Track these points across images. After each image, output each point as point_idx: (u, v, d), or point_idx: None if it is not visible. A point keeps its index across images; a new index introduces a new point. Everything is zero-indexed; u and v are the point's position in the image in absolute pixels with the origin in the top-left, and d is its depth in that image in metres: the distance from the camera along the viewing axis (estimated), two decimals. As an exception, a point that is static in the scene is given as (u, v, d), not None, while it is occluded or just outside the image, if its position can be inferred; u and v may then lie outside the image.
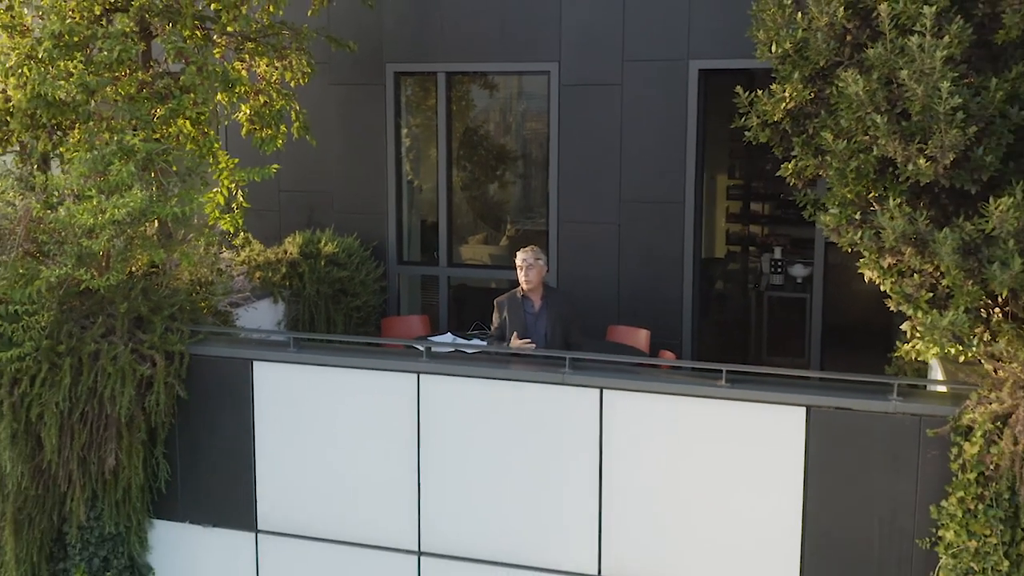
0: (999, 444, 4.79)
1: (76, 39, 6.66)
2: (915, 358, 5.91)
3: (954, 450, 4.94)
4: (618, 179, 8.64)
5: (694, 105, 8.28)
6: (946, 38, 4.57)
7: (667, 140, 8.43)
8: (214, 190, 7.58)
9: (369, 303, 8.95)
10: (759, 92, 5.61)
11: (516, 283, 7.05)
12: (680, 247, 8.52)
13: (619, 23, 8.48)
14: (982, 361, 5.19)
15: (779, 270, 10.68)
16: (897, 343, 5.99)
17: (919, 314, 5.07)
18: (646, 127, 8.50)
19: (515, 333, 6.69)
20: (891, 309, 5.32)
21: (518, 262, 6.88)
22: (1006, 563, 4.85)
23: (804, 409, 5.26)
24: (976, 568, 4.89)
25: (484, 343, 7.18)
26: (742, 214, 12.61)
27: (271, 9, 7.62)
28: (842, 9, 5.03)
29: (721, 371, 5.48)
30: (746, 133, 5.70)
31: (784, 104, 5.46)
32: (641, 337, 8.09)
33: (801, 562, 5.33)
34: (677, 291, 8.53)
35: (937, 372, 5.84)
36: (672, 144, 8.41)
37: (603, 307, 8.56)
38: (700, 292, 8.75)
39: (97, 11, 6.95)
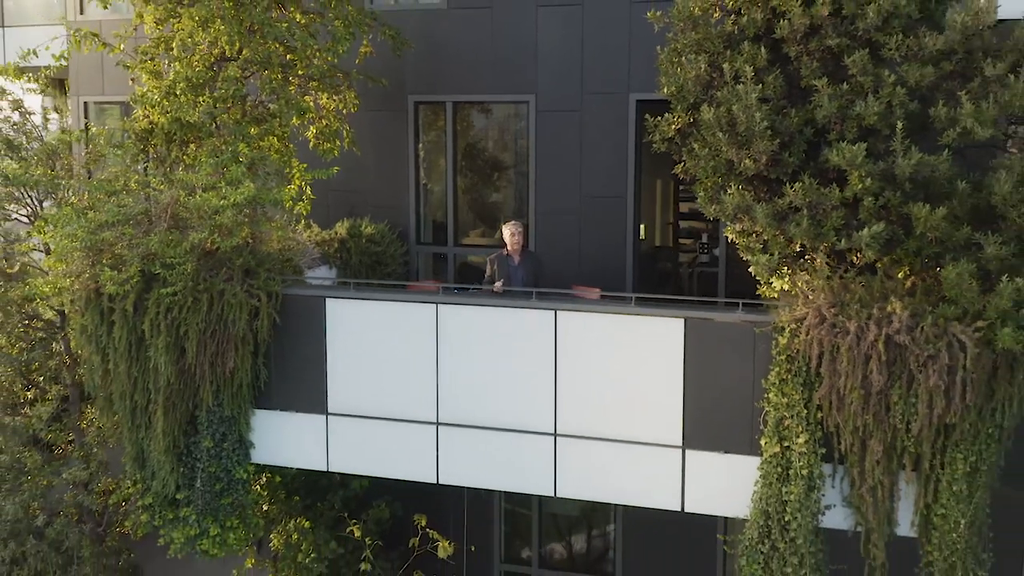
0: (799, 337, 7.40)
1: (200, 81, 9.29)
2: (767, 294, 8.52)
3: (774, 342, 7.55)
4: (578, 181, 11.23)
5: (632, 126, 10.88)
6: (759, 86, 7.23)
7: (613, 152, 11.03)
8: (290, 186, 10.19)
9: (396, 272, 11.53)
10: (660, 116, 8.25)
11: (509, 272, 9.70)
12: (623, 230, 11.13)
13: (579, 66, 11.08)
14: (791, 288, 7.81)
15: (705, 251, 13.30)
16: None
17: (752, 257, 7.72)
18: (598, 143, 11.10)
19: (501, 280, 9.31)
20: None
21: (506, 230, 9.53)
22: (805, 411, 7.45)
23: (683, 320, 7.87)
24: (787, 415, 7.49)
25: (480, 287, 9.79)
26: (691, 213, 15.23)
27: (329, 58, 10.23)
28: (704, 65, 7.68)
29: (631, 297, 8.11)
30: (652, 145, 8.35)
31: (673, 126, 8.12)
32: (594, 292, 10.67)
33: (683, 417, 7.94)
34: (621, 261, 11.13)
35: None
36: (617, 155, 11.02)
37: (568, 272, 11.08)
38: (639, 262, 11.35)
39: (212, 61, 9.58)
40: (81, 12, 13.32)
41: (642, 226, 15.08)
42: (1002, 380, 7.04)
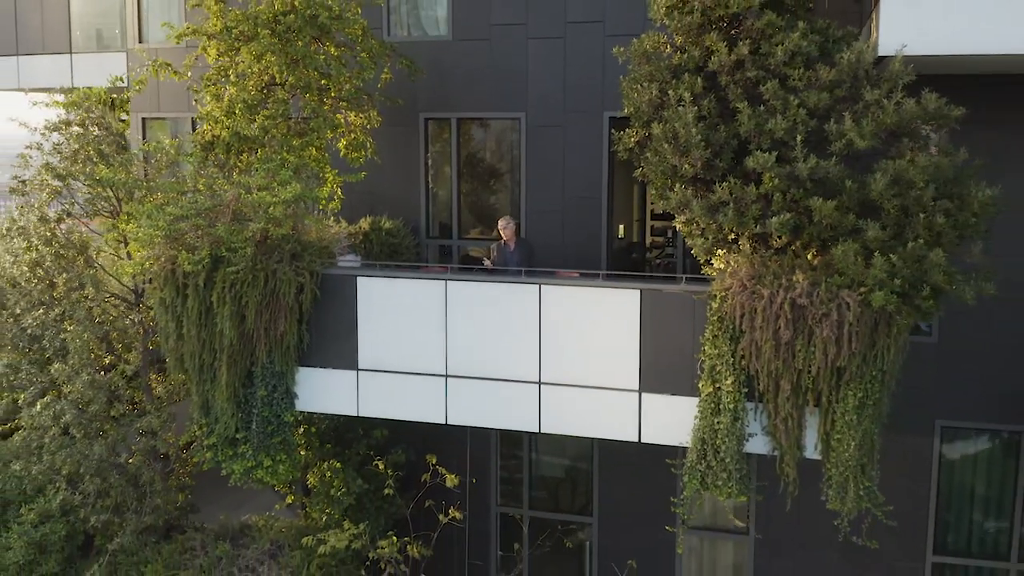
0: (727, 302, 9.25)
1: (254, 102, 11.17)
2: (707, 271, 10.38)
3: (708, 307, 9.41)
4: (562, 185, 13.10)
5: (606, 139, 12.74)
6: (696, 108, 9.11)
7: (590, 161, 12.88)
8: (324, 187, 12.06)
9: (410, 260, 13.36)
10: (623, 131, 10.13)
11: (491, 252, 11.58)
12: (599, 226, 12.99)
13: (562, 89, 12.95)
14: (723, 265, 9.67)
15: (671, 244, 15.18)
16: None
17: (692, 241, 9.60)
18: (579, 153, 12.97)
19: (490, 260, 11.19)
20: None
21: (500, 224, 11.42)
22: (731, 360, 9.30)
23: (639, 291, 9.74)
24: (718, 363, 9.31)
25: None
26: (663, 213, 17.07)
27: (357, 83, 12.09)
28: (655, 91, 9.57)
29: (600, 274, 9.98)
30: (617, 153, 10.23)
31: (632, 138, 10.01)
32: (574, 275, 12.54)
33: (639, 367, 9.79)
34: (597, 252, 12.99)
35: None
36: (593, 163, 12.87)
37: (554, 261, 12.88)
38: (612, 253, 13.22)
39: (263, 86, 11.45)
40: (140, 40, 15.19)
41: (621, 226, 17.06)
42: (881, 333, 8.90)
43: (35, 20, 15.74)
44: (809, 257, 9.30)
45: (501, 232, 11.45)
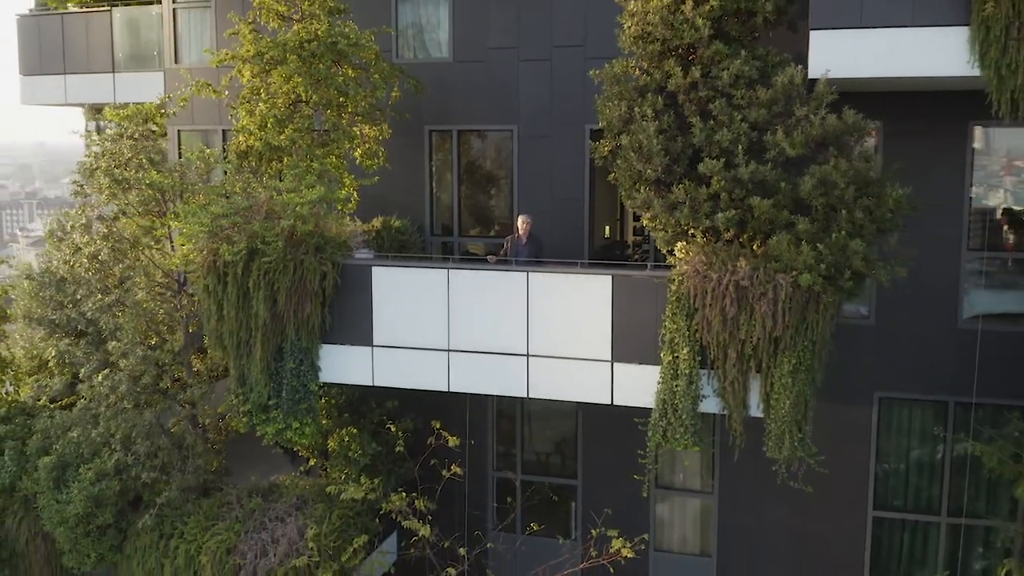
0: (683, 284, 10.85)
1: (283, 117, 12.79)
2: (670, 260, 11.98)
3: (668, 289, 11.00)
4: (549, 189, 14.70)
5: (587, 149, 14.32)
6: (657, 122, 10.73)
7: (573, 168, 14.48)
8: (343, 190, 13.66)
9: (416, 254, 14.99)
10: (598, 141, 11.74)
11: (499, 246, 13.19)
12: (582, 224, 14.58)
13: (549, 104, 14.55)
14: (682, 255, 11.27)
15: (647, 241, 16.76)
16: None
17: (655, 235, 11.21)
18: (564, 161, 14.56)
19: (496, 256, 12.80)
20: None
21: (519, 220, 13.01)
22: (687, 332, 10.90)
23: (611, 277, 11.34)
24: (676, 336, 10.92)
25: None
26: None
27: (371, 100, 13.70)
28: (624, 108, 11.18)
29: (578, 263, 11.59)
30: (595, 161, 11.85)
31: (606, 148, 11.63)
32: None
33: (612, 340, 11.39)
34: (580, 247, 14.59)
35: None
36: (576, 170, 14.46)
37: (543, 253, 14.57)
38: (593, 248, 14.81)
39: (290, 103, 13.06)
40: (176, 61, 16.82)
41: (607, 227, 18.68)
42: (811, 309, 10.48)
43: (81, 43, 17.35)
44: (753, 247, 10.91)
45: (519, 226, 13.06)
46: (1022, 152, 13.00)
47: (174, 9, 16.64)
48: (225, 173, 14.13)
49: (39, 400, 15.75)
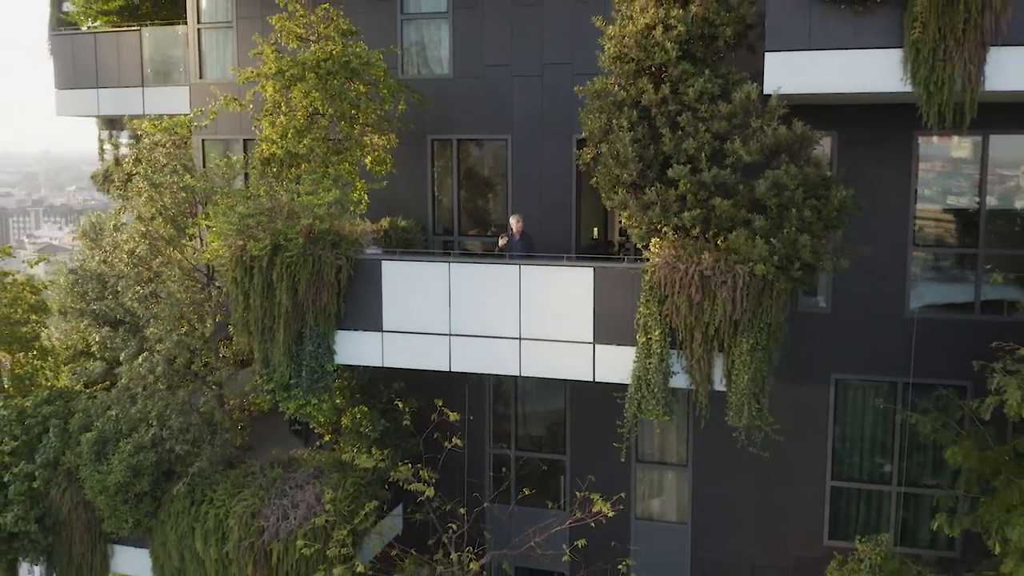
0: (656, 275, 12.25)
1: (302, 128, 14.20)
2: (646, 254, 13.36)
3: (643, 278, 12.40)
4: (540, 192, 16.11)
5: (573, 156, 15.73)
6: (632, 133, 12.15)
7: (562, 173, 15.89)
8: (355, 193, 15.06)
9: (421, 251, 16.38)
10: (582, 149, 13.15)
11: (498, 237, 14.60)
12: (569, 224, 15.97)
13: (539, 116, 15.97)
14: (656, 249, 12.67)
15: (630, 239, 18.18)
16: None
17: (632, 231, 12.63)
18: (553, 167, 15.96)
19: (503, 243, 14.23)
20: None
21: (512, 219, 14.42)
22: (659, 317, 12.31)
23: (593, 268, 12.75)
24: (649, 320, 12.32)
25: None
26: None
27: (379, 113, 15.10)
28: (604, 119, 12.59)
29: (563, 256, 13.00)
30: (580, 167, 13.26)
31: (588, 155, 13.04)
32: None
33: (594, 324, 12.78)
34: (568, 245, 15.99)
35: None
36: (564, 175, 15.86)
37: (535, 250, 15.96)
38: (580, 247, 16.22)
39: (308, 115, 14.47)
40: (200, 76, 18.24)
41: (595, 228, 20.10)
42: (765, 295, 11.87)
43: (112, 59, 18.75)
44: (716, 242, 12.31)
45: (513, 225, 14.48)
46: (967, 158, 14.40)
47: (198, 29, 18.05)
48: (246, 177, 15.56)
49: (76, 385, 17.14)
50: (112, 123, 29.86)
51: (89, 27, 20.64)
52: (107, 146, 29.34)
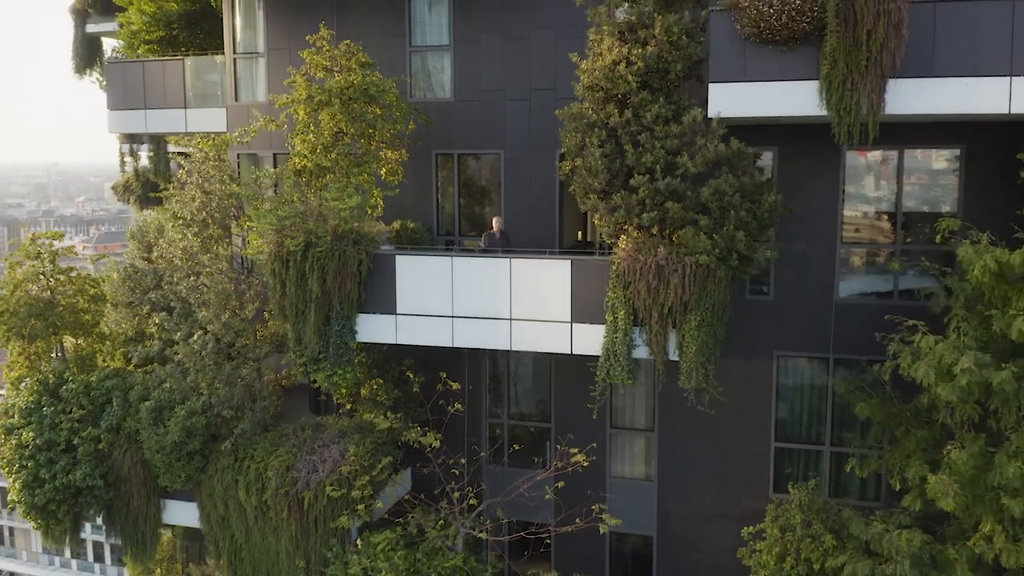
0: (621, 265, 14.71)
1: (328, 144, 16.69)
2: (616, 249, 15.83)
3: (611, 268, 14.86)
4: (528, 199, 18.53)
5: (556, 168, 18.17)
6: (602, 148, 14.64)
7: (547, 183, 18.34)
8: (372, 200, 17.53)
9: (427, 247, 18.84)
10: (562, 163, 15.65)
11: (479, 240, 17.09)
12: (553, 227, 18.44)
13: (527, 133, 18.44)
14: (622, 244, 15.14)
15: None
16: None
17: (602, 230, 15.13)
18: (539, 177, 18.36)
19: (482, 243, 16.69)
20: (598, 230, 15.34)
21: (493, 221, 16.90)
22: (624, 299, 14.76)
23: (570, 261, 15.22)
24: (616, 302, 14.77)
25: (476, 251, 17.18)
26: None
27: (393, 131, 17.57)
28: (579, 138, 15.09)
29: (547, 251, 15.51)
30: (561, 177, 15.76)
31: (566, 167, 15.55)
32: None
33: (571, 307, 15.23)
34: (551, 241, 18.45)
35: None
36: (549, 185, 18.31)
37: (525, 247, 18.41)
38: (563, 247, 18.68)
39: (333, 133, 16.96)
40: (236, 99, 20.71)
41: (579, 232, 22.56)
42: (710, 281, 14.29)
43: (158, 83, 21.24)
44: (670, 238, 14.79)
45: (494, 225, 16.95)
46: (886, 170, 16.88)
47: (234, 59, 20.57)
48: (276, 186, 18.03)
49: (129, 365, 19.62)
50: (132, 138, 32.26)
51: (138, 56, 23.13)
52: (127, 159, 31.87)
